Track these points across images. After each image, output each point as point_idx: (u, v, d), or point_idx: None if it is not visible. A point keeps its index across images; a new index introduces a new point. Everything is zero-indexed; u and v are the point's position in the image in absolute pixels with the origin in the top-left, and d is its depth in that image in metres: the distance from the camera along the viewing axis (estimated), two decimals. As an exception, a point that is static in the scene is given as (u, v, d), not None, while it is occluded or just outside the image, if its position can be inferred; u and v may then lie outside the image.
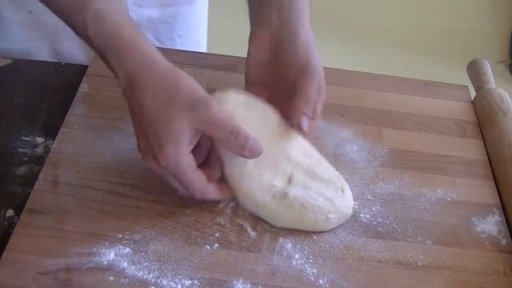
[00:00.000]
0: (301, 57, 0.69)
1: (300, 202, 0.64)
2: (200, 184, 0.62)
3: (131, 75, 0.61)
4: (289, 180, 0.66)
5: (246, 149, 0.62)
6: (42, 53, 0.89)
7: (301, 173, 0.66)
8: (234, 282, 0.59)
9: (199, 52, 0.90)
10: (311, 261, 0.62)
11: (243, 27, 0.76)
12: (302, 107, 0.67)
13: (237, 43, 0.83)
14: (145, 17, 0.94)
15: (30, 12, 0.88)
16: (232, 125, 0.61)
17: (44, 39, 0.90)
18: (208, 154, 0.66)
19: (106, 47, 0.61)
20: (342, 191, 0.66)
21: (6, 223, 0.64)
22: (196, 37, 1.05)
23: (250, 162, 0.65)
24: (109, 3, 0.62)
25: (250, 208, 0.65)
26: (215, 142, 0.64)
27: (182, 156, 0.60)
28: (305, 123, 0.67)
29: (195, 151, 0.62)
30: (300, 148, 0.68)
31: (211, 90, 0.80)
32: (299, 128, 0.66)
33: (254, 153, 0.63)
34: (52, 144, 0.71)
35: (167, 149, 0.59)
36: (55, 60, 0.88)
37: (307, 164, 0.67)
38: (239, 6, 0.77)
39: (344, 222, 0.66)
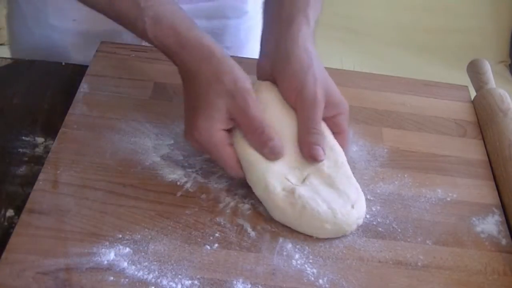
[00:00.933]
0: (296, 84, 0.69)
1: (303, 203, 0.64)
2: (230, 160, 0.66)
3: (189, 67, 0.67)
4: (303, 180, 0.66)
5: (267, 147, 0.65)
6: (86, 60, 0.90)
7: (318, 177, 0.66)
8: (234, 282, 0.59)
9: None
10: (311, 261, 0.62)
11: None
12: (307, 138, 0.67)
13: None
14: None
15: (74, 20, 0.89)
16: (260, 122, 0.65)
17: (86, 46, 0.90)
18: None
19: (165, 46, 0.68)
20: (352, 207, 0.65)
21: (6, 223, 0.64)
22: (249, 48, 1.03)
23: None
24: (163, 3, 0.68)
25: (257, 192, 0.66)
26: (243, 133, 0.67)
27: (213, 131, 0.65)
28: (317, 152, 0.66)
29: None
30: (326, 152, 0.68)
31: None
32: (314, 160, 0.66)
33: (274, 154, 0.66)
34: (52, 144, 0.71)
35: (200, 122, 0.65)
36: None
37: (328, 170, 0.67)
38: None
39: (341, 236, 0.65)
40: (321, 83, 0.68)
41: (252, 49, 1.05)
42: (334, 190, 0.65)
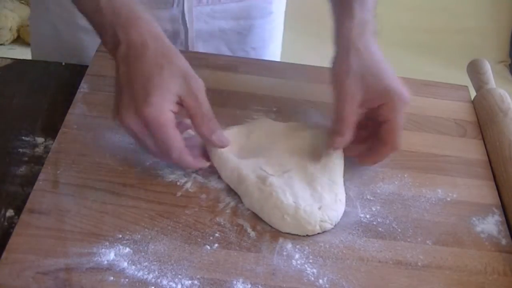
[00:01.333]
0: (332, 76, 0.69)
1: (271, 190, 0.64)
2: (178, 143, 0.64)
3: (136, 41, 0.65)
4: (283, 173, 0.66)
5: (215, 134, 0.65)
6: None
7: (300, 174, 0.67)
8: (234, 282, 0.59)
9: (199, 52, 0.90)
10: (311, 261, 0.62)
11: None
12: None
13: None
14: (218, 27, 0.94)
15: None
16: (209, 109, 0.65)
17: None
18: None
19: (116, 15, 0.66)
20: (319, 209, 0.64)
21: (6, 223, 0.64)
22: (271, 49, 1.05)
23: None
24: None
25: (231, 184, 0.67)
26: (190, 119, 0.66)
27: (165, 107, 0.62)
28: (330, 140, 0.68)
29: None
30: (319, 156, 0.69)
31: (211, 90, 0.80)
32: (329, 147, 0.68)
33: (221, 141, 0.66)
34: (52, 144, 0.71)
35: (153, 98, 0.62)
36: None
37: (312, 170, 0.67)
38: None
39: (306, 235, 0.64)
40: (356, 73, 0.67)
41: (275, 50, 1.06)
42: (310, 189, 0.66)
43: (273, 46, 1.05)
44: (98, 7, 0.66)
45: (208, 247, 0.62)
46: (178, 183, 0.68)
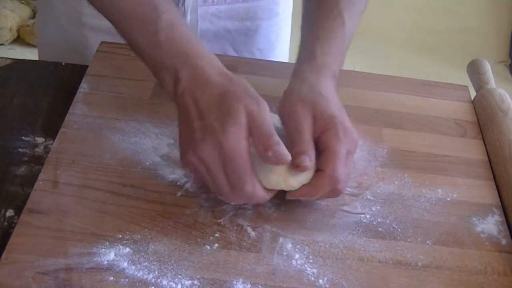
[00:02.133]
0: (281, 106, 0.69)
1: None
2: (252, 175, 0.61)
3: (198, 72, 0.63)
4: None
5: (271, 150, 0.60)
6: None
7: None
8: (234, 282, 0.59)
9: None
10: (311, 261, 0.62)
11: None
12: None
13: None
14: (223, 27, 0.94)
15: None
16: (271, 126, 0.61)
17: None
18: None
19: (175, 51, 0.65)
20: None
21: (6, 223, 0.64)
22: (278, 50, 1.04)
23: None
24: (177, 17, 0.67)
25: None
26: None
27: (241, 135, 0.60)
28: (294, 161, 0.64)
29: None
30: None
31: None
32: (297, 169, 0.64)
33: (277, 158, 0.61)
34: (52, 144, 0.71)
35: (230, 128, 0.59)
36: None
37: None
38: None
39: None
40: (306, 101, 0.66)
41: (282, 51, 1.05)
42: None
43: (280, 48, 1.04)
44: (156, 42, 0.65)
45: (208, 247, 0.62)
46: (178, 183, 0.68)
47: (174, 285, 0.58)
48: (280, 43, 1.04)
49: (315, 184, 0.64)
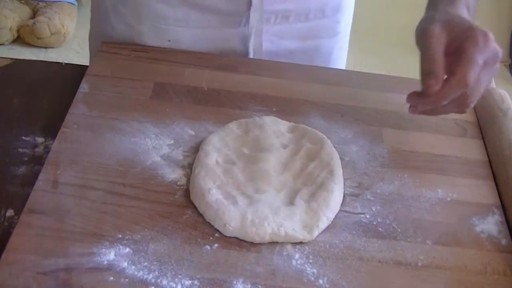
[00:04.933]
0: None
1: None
2: None
3: None
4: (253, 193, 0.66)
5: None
6: None
7: (276, 196, 0.66)
8: (234, 282, 0.59)
9: (199, 52, 0.90)
10: (311, 261, 0.62)
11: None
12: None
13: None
14: (284, 48, 0.93)
15: (169, 41, 0.89)
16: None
17: None
18: None
19: None
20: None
21: (6, 223, 0.64)
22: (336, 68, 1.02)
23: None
24: None
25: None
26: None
27: None
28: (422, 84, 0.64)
29: None
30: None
31: (211, 90, 0.81)
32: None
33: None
34: (52, 144, 0.71)
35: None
36: None
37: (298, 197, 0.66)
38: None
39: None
40: (440, 20, 0.66)
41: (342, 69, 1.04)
42: (279, 196, 0.66)
43: (340, 66, 1.02)
44: None
45: (208, 247, 0.62)
46: (178, 183, 0.68)
47: (174, 285, 0.58)
48: (339, 61, 1.01)
49: (442, 88, 0.63)
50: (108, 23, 0.92)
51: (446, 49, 0.66)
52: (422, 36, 0.66)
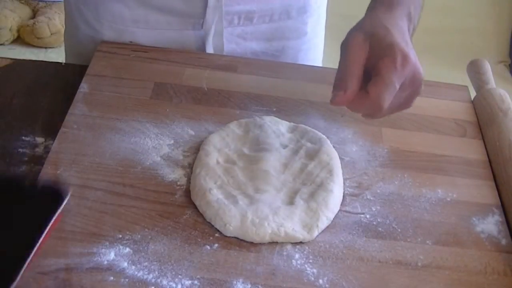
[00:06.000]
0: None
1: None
2: None
3: None
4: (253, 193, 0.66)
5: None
6: None
7: (277, 196, 0.66)
8: (234, 282, 0.59)
9: (199, 52, 0.90)
10: (311, 261, 0.62)
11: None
12: None
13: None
14: (249, 49, 0.92)
15: (130, 42, 0.88)
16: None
17: None
18: None
19: None
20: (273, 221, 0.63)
21: (6, 223, 0.63)
22: None
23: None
24: None
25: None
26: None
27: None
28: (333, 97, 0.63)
29: None
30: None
31: (211, 90, 0.81)
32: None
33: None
34: (52, 144, 0.71)
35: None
36: None
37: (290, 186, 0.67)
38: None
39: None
40: (366, 31, 0.64)
41: None
42: (278, 197, 0.66)
43: None
44: None
45: (208, 247, 0.62)
46: (178, 183, 0.68)
47: (174, 285, 0.58)
48: (309, 62, 0.99)
49: (355, 100, 0.62)
50: (73, 22, 0.93)
51: (367, 61, 0.63)
52: (346, 42, 0.64)
